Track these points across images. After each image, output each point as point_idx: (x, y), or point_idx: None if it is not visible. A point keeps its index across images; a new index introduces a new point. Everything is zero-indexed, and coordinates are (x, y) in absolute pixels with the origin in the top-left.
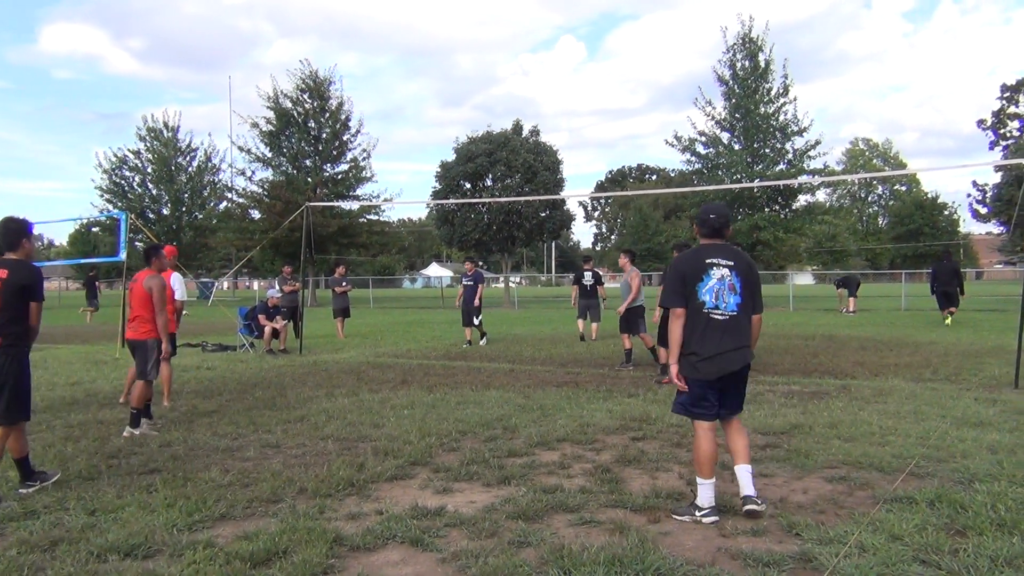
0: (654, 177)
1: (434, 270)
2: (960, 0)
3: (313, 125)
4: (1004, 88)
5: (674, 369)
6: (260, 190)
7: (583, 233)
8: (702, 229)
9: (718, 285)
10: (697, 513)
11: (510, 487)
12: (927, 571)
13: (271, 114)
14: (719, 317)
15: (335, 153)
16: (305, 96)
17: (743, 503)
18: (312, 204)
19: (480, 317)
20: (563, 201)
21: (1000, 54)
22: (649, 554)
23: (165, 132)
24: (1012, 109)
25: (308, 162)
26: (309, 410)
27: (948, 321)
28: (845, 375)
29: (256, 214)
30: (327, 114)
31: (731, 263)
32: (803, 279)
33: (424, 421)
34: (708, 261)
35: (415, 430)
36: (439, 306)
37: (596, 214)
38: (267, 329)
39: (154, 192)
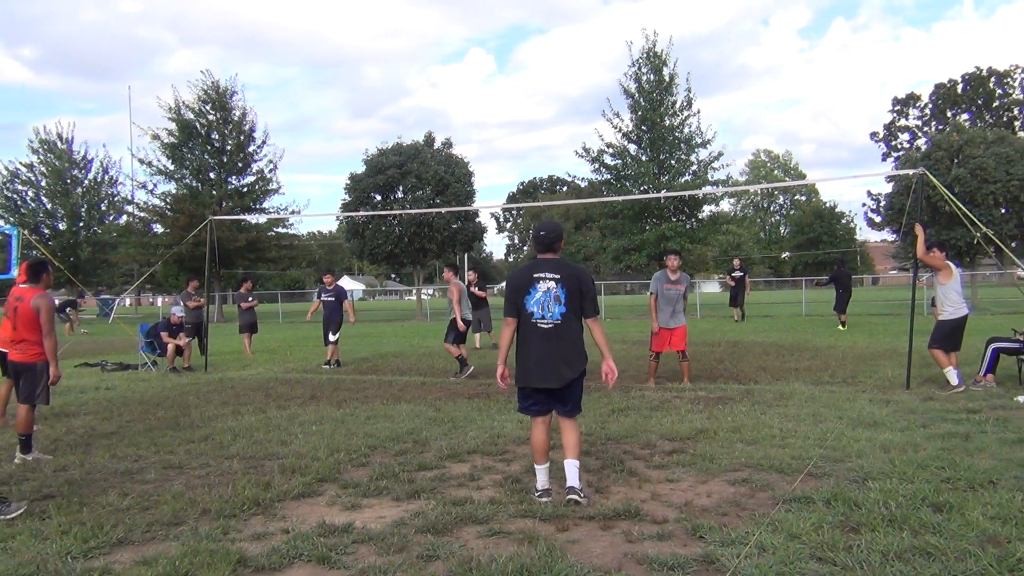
0: (565, 188)
1: (345, 283)
2: (852, 18)
3: (216, 137)
4: (895, 102)
5: (499, 370)
6: (162, 204)
7: (496, 244)
8: (536, 245)
9: (544, 297)
10: (535, 495)
11: (420, 501)
12: (823, 568)
13: (173, 125)
14: (544, 326)
15: (240, 165)
16: (207, 107)
17: (567, 493)
18: (216, 218)
19: (337, 336)
20: (475, 213)
21: (891, 69)
22: (557, 562)
23: (59, 144)
24: (902, 122)
25: (212, 175)
26: (214, 429)
27: (841, 328)
28: (749, 380)
29: (159, 228)
30: (230, 125)
31: (557, 276)
32: (710, 287)
33: (333, 437)
34: (535, 276)
35: (323, 446)
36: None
37: (508, 225)
38: (170, 346)
39: (49, 207)
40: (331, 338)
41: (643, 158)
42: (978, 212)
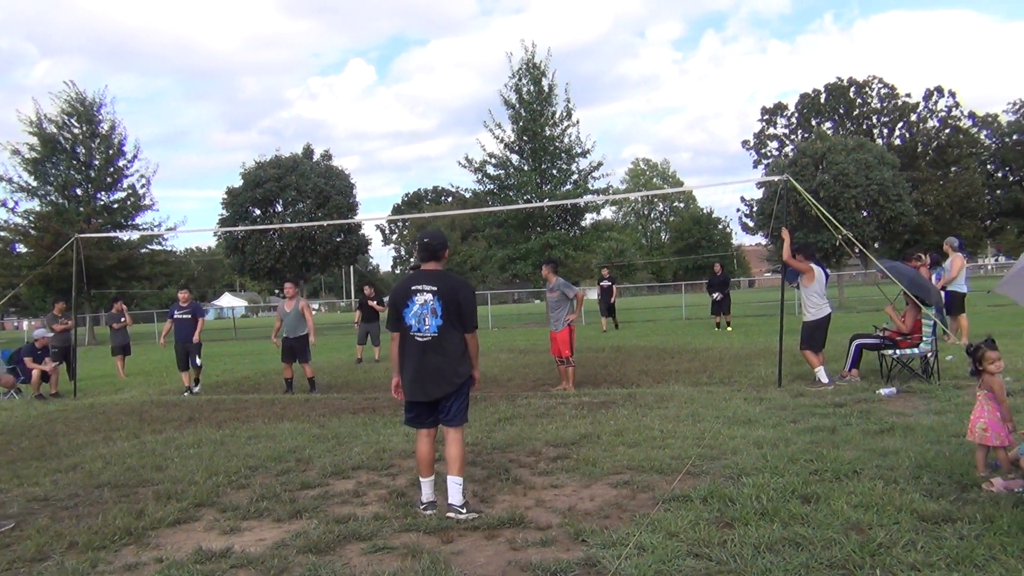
0: (450, 199)
1: (227, 300)
2: (722, 30)
3: (82, 151)
4: (763, 111)
5: (394, 380)
6: (25, 222)
7: (381, 257)
8: (420, 253)
9: (421, 310)
10: (420, 507)
11: (302, 520)
12: (699, 564)
13: (34, 140)
14: (421, 339)
15: (109, 180)
16: (72, 120)
17: (447, 509)
18: (83, 235)
19: (201, 359)
20: (358, 225)
21: (759, 80)
22: (441, 575)
23: None
24: (771, 131)
25: (79, 191)
26: (83, 457)
27: (729, 328)
28: (631, 383)
29: (21, 248)
30: (98, 139)
31: (434, 288)
32: (591, 294)
33: (211, 459)
34: (413, 288)
35: (201, 470)
36: (231, 338)
37: (394, 237)
38: (35, 372)
39: None
40: (197, 362)
41: (525, 168)
42: (841, 215)
